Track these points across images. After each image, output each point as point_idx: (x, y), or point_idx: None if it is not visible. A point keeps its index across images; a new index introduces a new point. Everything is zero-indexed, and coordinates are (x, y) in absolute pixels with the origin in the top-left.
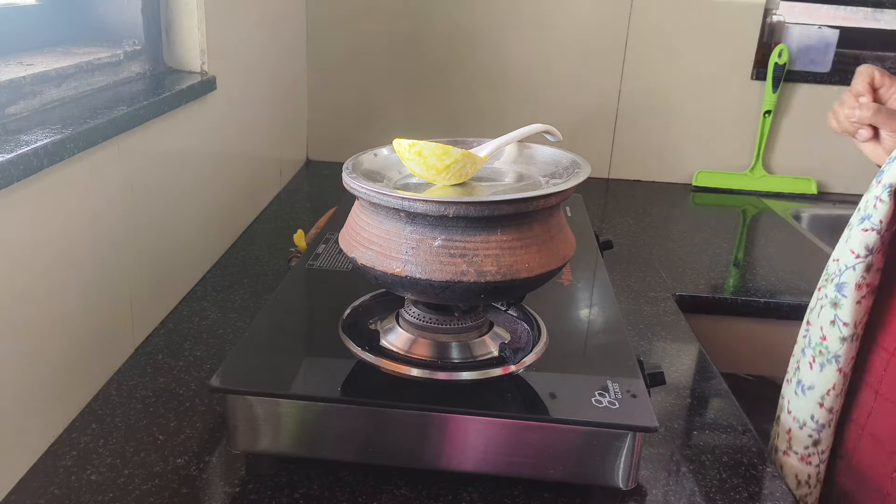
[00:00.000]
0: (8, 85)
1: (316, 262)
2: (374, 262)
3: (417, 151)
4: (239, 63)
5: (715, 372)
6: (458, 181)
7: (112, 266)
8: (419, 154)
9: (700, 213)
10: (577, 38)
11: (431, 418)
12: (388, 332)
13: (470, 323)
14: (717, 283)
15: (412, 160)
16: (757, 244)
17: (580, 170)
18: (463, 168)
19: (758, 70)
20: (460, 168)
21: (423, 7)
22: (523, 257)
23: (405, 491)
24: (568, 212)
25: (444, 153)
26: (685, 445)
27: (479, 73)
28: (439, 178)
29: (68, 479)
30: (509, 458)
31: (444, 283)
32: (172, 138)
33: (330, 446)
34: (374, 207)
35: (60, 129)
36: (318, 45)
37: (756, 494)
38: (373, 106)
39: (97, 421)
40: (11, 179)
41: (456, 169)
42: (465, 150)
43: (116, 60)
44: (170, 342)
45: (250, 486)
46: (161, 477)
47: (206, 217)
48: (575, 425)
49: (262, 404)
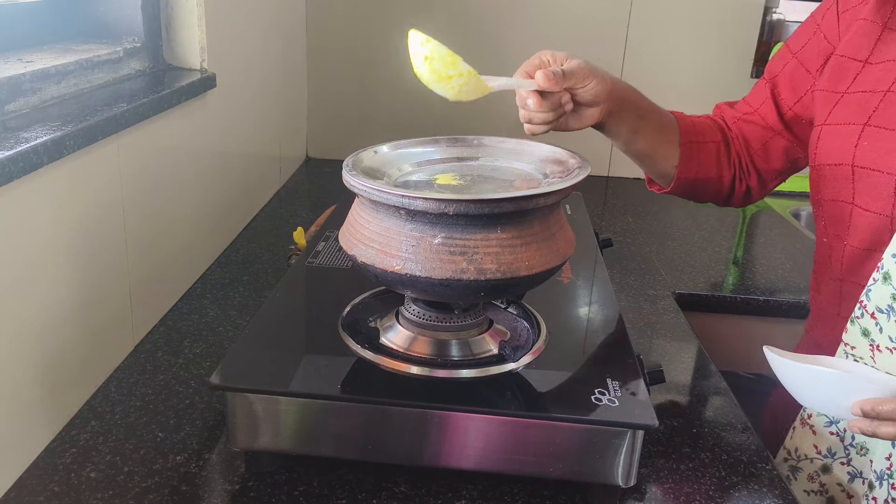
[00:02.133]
0: (7, 82)
1: (316, 259)
2: (374, 259)
3: (426, 55)
4: (239, 61)
5: (714, 370)
6: (454, 97)
7: (111, 263)
8: (427, 58)
9: (700, 211)
10: (577, 36)
11: (431, 416)
12: (388, 329)
13: (470, 321)
14: (717, 282)
15: (418, 59)
16: (756, 242)
17: (580, 168)
18: (465, 86)
19: (757, 68)
20: (462, 84)
21: (424, 5)
22: (523, 255)
23: (405, 489)
24: (568, 210)
25: (451, 62)
26: (684, 443)
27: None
28: (438, 86)
29: (68, 476)
30: (509, 455)
31: (444, 280)
32: (172, 136)
33: (330, 444)
34: (374, 205)
35: (60, 126)
36: (317, 43)
37: (755, 492)
38: (373, 103)
39: (97, 418)
40: (11, 176)
41: (457, 84)
42: (472, 70)
43: (116, 58)
44: (169, 339)
45: (250, 483)
46: (161, 474)
47: (205, 214)
48: (575, 423)
49: (261, 402)
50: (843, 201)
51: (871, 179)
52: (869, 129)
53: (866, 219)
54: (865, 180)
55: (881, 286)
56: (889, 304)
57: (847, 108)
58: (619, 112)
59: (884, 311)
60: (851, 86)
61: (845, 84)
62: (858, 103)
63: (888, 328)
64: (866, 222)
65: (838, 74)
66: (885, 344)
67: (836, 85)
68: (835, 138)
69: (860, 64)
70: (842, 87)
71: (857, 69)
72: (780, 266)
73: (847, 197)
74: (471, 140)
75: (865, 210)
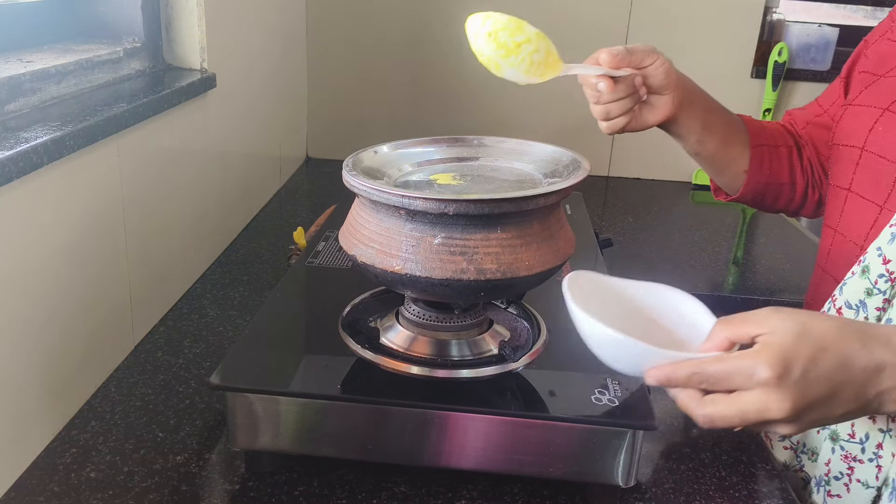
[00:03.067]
0: (7, 82)
1: (316, 259)
2: (374, 259)
3: (489, 30)
4: (239, 61)
5: None
6: (527, 73)
7: (111, 263)
8: (490, 34)
9: (700, 211)
10: (578, 35)
11: (431, 416)
12: (388, 329)
13: (470, 321)
14: (717, 282)
15: (481, 39)
16: (756, 242)
17: (580, 168)
18: (535, 53)
19: (758, 68)
20: (532, 52)
21: (424, 5)
22: (523, 255)
23: (405, 489)
24: (568, 210)
25: (517, 27)
26: (685, 443)
27: (479, 71)
28: (507, 62)
29: (68, 476)
30: (509, 455)
31: (444, 280)
32: (172, 136)
33: (330, 444)
34: (375, 205)
35: (60, 126)
36: (317, 43)
37: (755, 492)
38: (373, 103)
39: (97, 418)
40: (11, 176)
41: (527, 53)
42: (540, 32)
43: (116, 58)
44: (169, 339)
45: (250, 483)
46: (161, 474)
47: (205, 214)
48: (575, 423)
49: (261, 402)
50: (841, 187)
51: (875, 166)
52: (888, 114)
53: (858, 206)
54: (869, 166)
55: (858, 279)
56: (861, 300)
57: (876, 91)
58: (689, 104)
59: (853, 306)
60: (891, 71)
61: (886, 68)
62: (888, 87)
63: None
64: (857, 210)
65: (883, 58)
66: None
67: (878, 67)
68: (854, 119)
69: None
70: (882, 70)
71: None
72: (780, 266)
73: (845, 183)
74: (471, 140)
75: (860, 196)
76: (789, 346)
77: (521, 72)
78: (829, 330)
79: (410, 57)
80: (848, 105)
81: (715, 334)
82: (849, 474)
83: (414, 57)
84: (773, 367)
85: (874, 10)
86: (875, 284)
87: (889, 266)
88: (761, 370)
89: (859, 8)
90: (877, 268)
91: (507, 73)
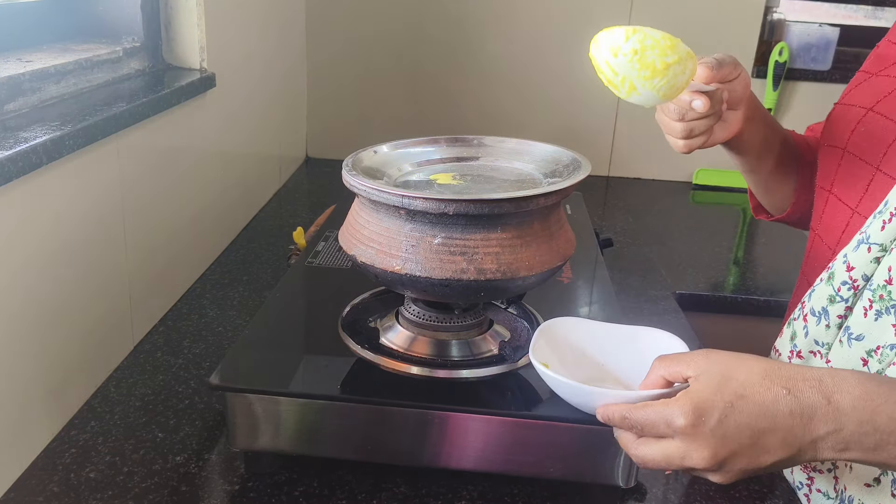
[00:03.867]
0: (7, 82)
1: (315, 259)
2: (374, 259)
3: (635, 48)
4: (238, 60)
5: None
6: (664, 96)
7: (111, 263)
8: (636, 52)
9: (700, 211)
10: (578, 35)
11: (431, 416)
12: (388, 329)
13: (470, 321)
14: (717, 281)
15: (624, 57)
16: (757, 242)
17: (580, 168)
18: (681, 74)
19: (758, 68)
20: (678, 73)
21: (423, 5)
22: (523, 255)
23: (404, 489)
24: (568, 210)
25: (671, 46)
26: None
27: (480, 71)
28: (647, 85)
29: (67, 476)
30: (509, 456)
31: (444, 280)
32: (171, 135)
33: (329, 444)
34: (374, 205)
35: (59, 125)
36: (317, 43)
37: (755, 492)
38: (372, 103)
39: (96, 418)
40: (10, 176)
41: (674, 73)
42: (690, 51)
43: (116, 57)
44: (169, 340)
45: (250, 483)
46: (160, 475)
47: (205, 214)
48: (575, 423)
49: (261, 402)
50: (823, 188)
51: (853, 168)
52: (872, 114)
53: (835, 209)
54: (848, 167)
55: (824, 286)
56: (823, 307)
57: (864, 90)
58: (753, 118)
59: (816, 313)
60: (882, 70)
61: (878, 67)
62: (875, 87)
63: (815, 332)
64: (833, 212)
65: (880, 58)
66: (808, 348)
67: (872, 66)
68: (840, 119)
69: None
70: (875, 69)
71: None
72: (780, 266)
73: (827, 184)
74: (471, 140)
75: (837, 199)
76: (706, 394)
77: (659, 95)
78: (752, 376)
79: (410, 57)
80: (837, 104)
81: (652, 372)
82: (809, 484)
83: (414, 57)
84: (687, 415)
85: (874, 9)
86: (838, 292)
87: (852, 273)
88: (677, 418)
89: (860, 8)
90: (841, 275)
91: (641, 96)
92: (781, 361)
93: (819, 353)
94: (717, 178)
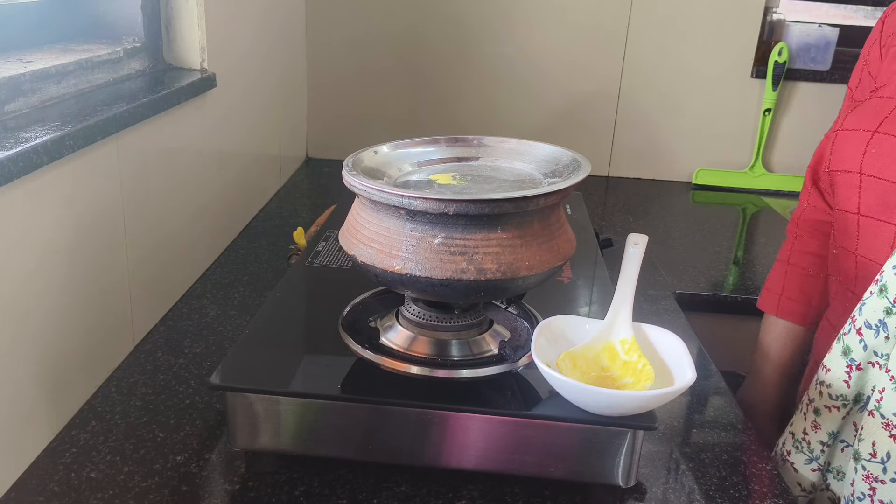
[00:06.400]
0: (7, 82)
1: (316, 259)
2: (375, 259)
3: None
4: (239, 60)
5: (714, 370)
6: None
7: (111, 263)
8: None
9: (700, 211)
10: (578, 35)
11: (431, 416)
12: (388, 329)
13: (470, 321)
14: (717, 281)
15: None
16: (757, 242)
17: (580, 168)
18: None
19: (758, 68)
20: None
21: (423, 5)
22: (523, 255)
23: (405, 488)
24: (568, 210)
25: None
26: (685, 443)
27: (480, 71)
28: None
29: (68, 476)
30: (509, 455)
31: (444, 280)
32: (172, 136)
33: (330, 444)
34: (375, 205)
35: (60, 126)
36: (317, 43)
37: (755, 492)
38: (373, 103)
39: (97, 418)
40: (11, 176)
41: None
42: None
43: (116, 58)
44: (169, 339)
45: (250, 483)
46: (161, 474)
47: (205, 214)
48: (575, 423)
49: (262, 402)
50: (849, 211)
51: (878, 188)
52: (878, 135)
53: (874, 228)
54: (872, 189)
55: (876, 299)
56: (880, 319)
57: (862, 114)
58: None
59: (873, 326)
60: (873, 93)
61: (867, 92)
62: (874, 108)
63: (873, 344)
64: (873, 232)
65: (865, 85)
66: (868, 359)
67: (861, 94)
68: (846, 144)
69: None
70: (864, 95)
71: (884, 80)
72: None
73: (853, 207)
74: (471, 140)
75: (873, 219)
76: None
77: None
78: None
79: (411, 57)
80: (839, 130)
81: None
82: (871, 495)
83: (414, 57)
84: None
85: (874, 9)
86: (894, 303)
87: None
88: None
89: (859, 8)
90: (894, 287)
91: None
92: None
93: (878, 364)
94: (717, 178)
